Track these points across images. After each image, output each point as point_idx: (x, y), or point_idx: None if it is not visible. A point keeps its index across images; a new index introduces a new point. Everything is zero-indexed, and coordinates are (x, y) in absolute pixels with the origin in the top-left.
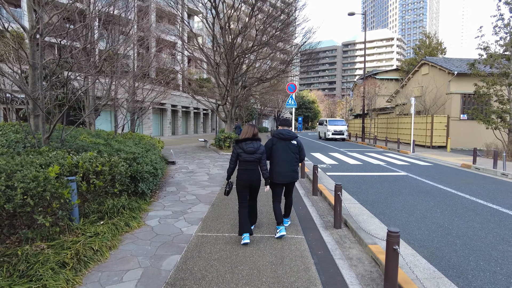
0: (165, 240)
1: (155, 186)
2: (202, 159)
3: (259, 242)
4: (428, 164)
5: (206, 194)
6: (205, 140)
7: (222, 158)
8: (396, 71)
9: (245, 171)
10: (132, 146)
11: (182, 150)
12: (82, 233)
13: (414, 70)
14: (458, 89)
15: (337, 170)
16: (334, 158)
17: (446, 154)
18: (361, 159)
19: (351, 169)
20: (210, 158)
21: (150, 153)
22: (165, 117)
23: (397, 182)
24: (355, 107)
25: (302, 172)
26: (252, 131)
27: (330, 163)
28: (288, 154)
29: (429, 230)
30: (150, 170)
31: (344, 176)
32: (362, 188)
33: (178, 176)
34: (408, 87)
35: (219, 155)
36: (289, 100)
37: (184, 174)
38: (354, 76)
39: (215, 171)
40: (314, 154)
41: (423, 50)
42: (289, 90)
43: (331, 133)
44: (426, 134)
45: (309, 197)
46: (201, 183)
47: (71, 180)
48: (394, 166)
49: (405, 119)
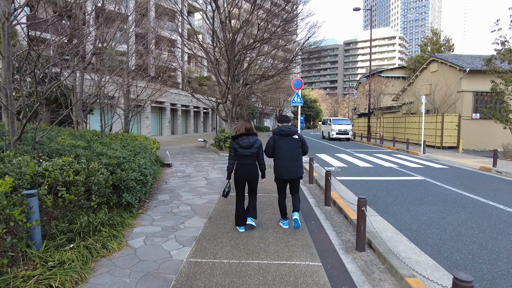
0: (149, 269)
1: (144, 194)
2: (200, 161)
3: (267, 272)
4: (444, 167)
5: (202, 204)
6: (204, 140)
7: (222, 159)
8: (401, 69)
9: (242, 165)
10: (119, 149)
11: (180, 151)
12: (42, 262)
13: (422, 67)
14: (470, 86)
15: (348, 174)
16: (342, 159)
17: (459, 156)
18: (370, 161)
19: (363, 173)
20: (209, 159)
21: (139, 156)
22: (164, 116)
23: (416, 188)
24: (359, 106)
25: (310, 176)
26: (244, 126)
27: (338, 165)
28: (291, 150)
29: (472, 253)
30: (137, 177)
31: (356, 181)
32: (379, 196)
33: (173, 181)
34: (416, 85)
35: (219, 156)
36: (294, 98)
37: (180, 178)
38: (356, 75)
39: (214, 175)
40: (319, 155)
41: (430, 47)
42: (295, 86)
43: (335, 133)
44: (436, 134)
45: (321, 207)
46: (198, 190)
47: (30, 194)
48: (408, 169)
49: (413, 118)
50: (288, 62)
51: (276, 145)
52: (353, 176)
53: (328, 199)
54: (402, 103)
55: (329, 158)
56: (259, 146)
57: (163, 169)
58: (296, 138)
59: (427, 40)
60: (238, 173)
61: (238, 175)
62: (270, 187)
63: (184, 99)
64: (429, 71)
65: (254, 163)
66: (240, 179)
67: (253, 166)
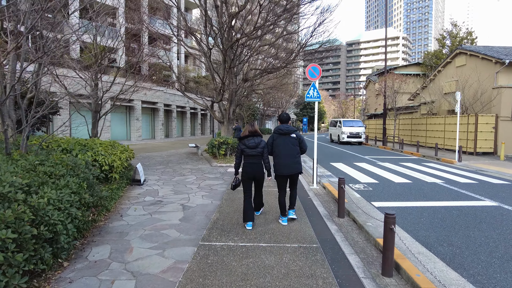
0: None
1: (64, 251)
2: (185, 174)
3: None
4: (506, 183)
5: (160, 273)
6: (196, 146)
7: (214, 172)
8: (417, 66)
9: (249, 164)
10: (9, 173)
11: (165, 159)
12: None
13: (446, 62)
14: (511, 81)
15: (385, 196)
16: (366, 171)
17: (505, 164)
18: (402, 173)
19: (403, 193)
20: (198, 172)
21: (51, 187)
22: (157, 118)
23: (500, 223)
24: (368, 106)
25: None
26: (249, 128)
27: (366, 181)
28: (288, 147)
29: None
30: (31, 233)
31: (402, 209)
32: (454, 242)
33: (131, 214)
34: (437, 82)
35: (211, 167)
36: (310, 90)
37: (146, 207)
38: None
39: (197, 200)
40: (335, 165)
41: (449, 40)
42: (311, 75)
43: (346, 136)
44: (467, 137)
45: (377, 280)
46: (163, 235)
47: None
48: (461, 187)
49: (435, 119)
50: (297, 52)
51: (275, 143)
52: (393, 200)
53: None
54: (419, 103)
55: (348, 169)
56: (264, 147)
57: (129, 189)
58: (294, 136)
59: (445, 33)
60: (245, 171)
61: (245, 173)
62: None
63: (179, 100)
64: (455, 65)
65: (260, 162)
66: (248, 177)
67: (259, 165)
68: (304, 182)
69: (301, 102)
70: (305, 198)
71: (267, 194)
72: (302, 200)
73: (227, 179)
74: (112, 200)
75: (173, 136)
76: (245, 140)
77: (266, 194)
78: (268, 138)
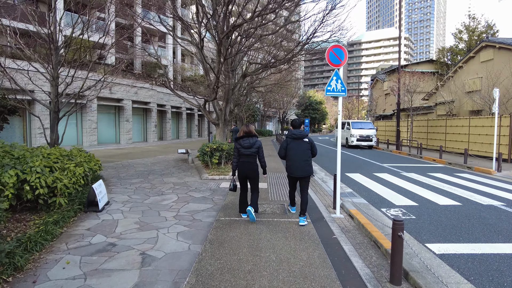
0: None
1: None
2: (165, 192)
3: None
4: None
5: None
6: (186, 151)
7: (203, 190)
8: (429, 63)
9: (243, 163)
10: None
11: (148, 169)
12: None
13: (468, 57)
14: None
15: (438, 230)
16: (393, 186)
17: None
18: (442, 189)
19: (462, 226)
20: (182, 189)
21: None
22: (150, 119)
23: None
24: (376, 106)
25: (393, 269)
26: (244, 129)
27: (402, 203)
28: (301, 151)
29: None
30: None
31: (478, 258)
32: None
33: (55, 275)
34: (457, 80)
35: (201, 180)
36: (331, 82)
37: (86, 258)
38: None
39: (169, 242)
40: (352, 176)
41: (466, 34)
42: (333, 60)
43: (356, 139)
44: (499, 142)
45: None
46: None
47: None
48: None
49: (458, 121)
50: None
51: (289, 147)
52: (456, 240)
53: None
54: (435, 102)
55: (370, 183)
56: (258, 146)
57: (79, 219)
58: (306, 141)
59: (462, 27)
60: (239, 170)
61: (239, 172)
62: None
63: (174, 99)
64: (479, 60)
65: (255, 161)
66: (241, 176)
67: (253, 164)
68: (320, 204)
69: (302, 103)
70: (328, 237)
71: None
72: (324, 241)
73: (218, 200)
74: (37, 244)
75: (167, 139)
76: (241, 141)
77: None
78: (282, 142)
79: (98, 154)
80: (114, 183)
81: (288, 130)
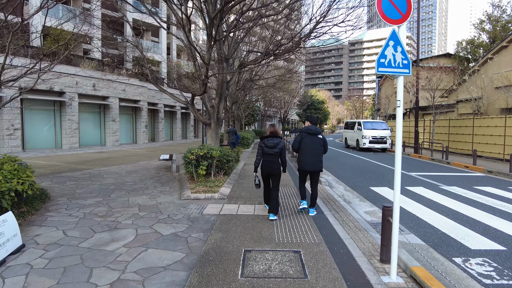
0: None
1: None
2: (121, 224)
3: None
4: None
5: None
6: (170, 157)
7: (178, 219)
8: (446, 57)
9: (266, 162)
10: None
11: (118, 181)
12: None
13: (497, 48)
14: None
15: None
16: (441, 208)
17: None
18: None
19: None
20: (148, 217)
21: None
22: (139, 119)
23: None
24: (388, 105)
25: None
26: (270, 129)
27: (480, 246)
28: (314, 146)
29: None
30: None
31: None
32: None
33: None
34: (486, 74)
35: (179, 201)
36: (385, 51)
37: None
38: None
39: None
40: (379, 191)
41: (489, 25)
42: (387, 13)
43: (368, 141)
44: None
45: None
46: None
47: None
48: None
49: (490, 121)
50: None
51: (303, 141)
52: None
53: None
54: (457, 100)
55: (410, 204)
56: (282, 147)
57: None
58: (320, 137)
59: (484, 17)
60: (262, 168)
61: (262, 170)
62: None
63: (168, 98)
64: (510, 51)
65: (277, 160)
66: (264, 173)
67: (275, 163)
68: (357, 251)
69: (304, 102)
70: None
71: None
72: None
73: (197, 243)
74: None
75: (159, 140)
76: (265, 140)
77: None
78: (296, 135)
79: (71, 159)
80: (58, 206)
81: (293, 129)
